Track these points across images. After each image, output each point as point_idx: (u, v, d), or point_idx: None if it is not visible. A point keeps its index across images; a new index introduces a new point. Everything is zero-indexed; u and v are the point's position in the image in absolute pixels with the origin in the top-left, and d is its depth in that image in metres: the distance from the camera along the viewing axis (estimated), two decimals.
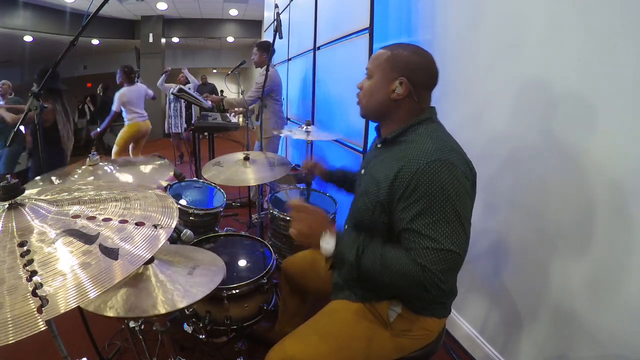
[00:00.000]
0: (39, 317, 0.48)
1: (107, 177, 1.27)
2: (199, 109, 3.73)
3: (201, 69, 9.26)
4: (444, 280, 0.75)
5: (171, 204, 0.76)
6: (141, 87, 4.08)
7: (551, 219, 1.22)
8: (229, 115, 3.53)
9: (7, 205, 0.65)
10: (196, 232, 1.52)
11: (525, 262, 1.34)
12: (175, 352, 1.10)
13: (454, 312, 1.70)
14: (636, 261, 0.98)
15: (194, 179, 2.24)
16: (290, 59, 3.85)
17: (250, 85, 4.99)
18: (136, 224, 0.67)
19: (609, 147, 1.04)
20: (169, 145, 5.42)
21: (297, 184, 2.42)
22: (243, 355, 1.36)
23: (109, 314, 0.81)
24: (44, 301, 0.50)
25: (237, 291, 1.24)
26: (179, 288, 0.89)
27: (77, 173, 1.26)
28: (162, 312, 0.81)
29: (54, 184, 1.19)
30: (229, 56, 10.72)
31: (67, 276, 0.54)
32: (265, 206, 2.00)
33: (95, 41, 8.25)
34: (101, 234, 0.62)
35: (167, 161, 1.45)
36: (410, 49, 0.91)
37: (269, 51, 2.40)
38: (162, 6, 7.22)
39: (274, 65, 3.20)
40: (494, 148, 1.44)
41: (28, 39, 6.74)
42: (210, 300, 1.22)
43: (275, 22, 1.93)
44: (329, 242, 0.85)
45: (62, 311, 0.49)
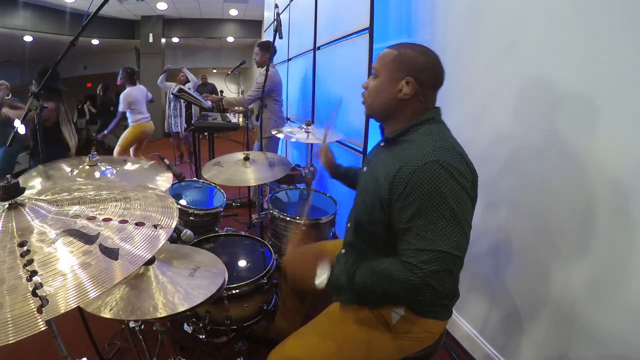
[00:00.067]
0: (39, 317, 0.48)
1: (104, 180, 1.25)
2: (199, 108, 3.72)
3: (201, 69, 9.25)
4: (437, 279, 0.74)
5: (171, 204, 0.76)
6: (142, 88, 4.10)
7: (551, 218, 1.22)
8: (229, 115, 3.53)
9: (7, 205, 0.64)
10: (196, 232, 1.52)
11: (526, 262, 1.34)
12: (175, 352, 1.10)
13: (454, 312, 1.69)
14: (637, 261, 0.98)
15: (194, 179, 2.24)
16: (290, 59, 3.85)
17: (250, 85, 4.99)
18: (136, 224, 0.67)
19: (609, 146, 1.04)
20: (169, 145, 5.42)
21: (297, 184, 2.42)
22: (243, 355, 1.36)
23: (109, 315, 0.81)
24: (44, 301, 0.50)
25: (237, 291, 1.24)
26: (180, 290, 0.89)
27: (75, 169, 1.24)
28: (163, 315, 0.81)
29: (49, 176, 1.18)
30: (229, 56, 10.72)
31: (67, 276, 0.54)
32: (265, 206, 2.00)
33: (95, 41, 8.24)
34: (101, 234, 0.62)
35: (167, 160, 1.45)
36: (417, 48, 0.90)
37: (270, 51, 2.40)
38: (162, 6, 7.22)
39: (274, 65, 3.20)
40: (494, 148, 1.44)
41: (28, 39, 6.74)
42: None
43: (275, 22, 1.93)
44: (321, 276, 0.86)
45: (62, 311, 0.49)
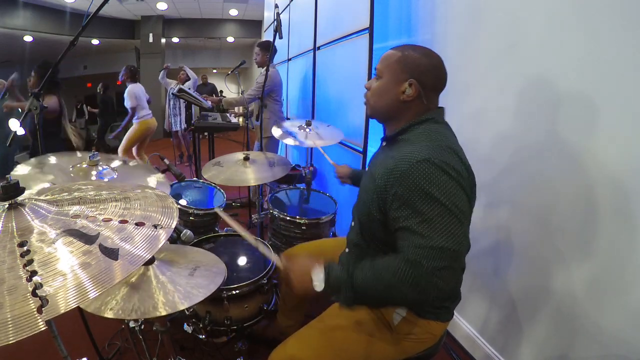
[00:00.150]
0: (39, 317, 0.48)
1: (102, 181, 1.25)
2: (198, 108, 3.73)
3: (201, 69, 9.24)
4: (440, 277, 0.73)
5: (171, 204, 0.76)
6: (142, 86, 4.10)
7: (551, 218, 1.22)
8: (229, 115, 3.54)
9: (7, 205, 0.64)
10: (196, 232, 1.52)
11: (526, 262, 1.34)
12: (175, 352, 1.10)
13: (454, 312, 1.69)
14: (637, 261, 0.98)
15: (194, 179, 2.24)
16: (290, 59, 3.85)
17: (250, 85, 4.99)
18: (136, 224, 0.67)
19: (609, 146, 1.04)
20: (169, 145, 5.42)
21: (297, 184, 2.42)
22: (243, 355, 1.36)
23: (110, 315, 0.81)
24: (44, 301, 0.50)
25: (237, 292, 1.24)
26: (179, 289, 0.89)
27: (74, 166, 1.24)
28: (163, 313, 0.81)
29: (47, 165, 1.18)
30: (229, 56, 10.72)
31: (67, 276, 0.54)
32: (265, 206, 2.00)
33: (95, 41, 8.25)
34: (101, 234, 0.62)
35: (167, 160, 1.45)
36: (420, 50, 0.91)
37: (270, 51, 2.40)
38: (162, 6, 7.22)
39: (275, 65, 3.20)
40: (494, 148, 1.44)
41: (28, 39, 6.74)
42: (210, 300, 1.21)
43: (275, 22, 1.93)
44: (318, 278, 0.82)
45: (62, 311, 0.49)
